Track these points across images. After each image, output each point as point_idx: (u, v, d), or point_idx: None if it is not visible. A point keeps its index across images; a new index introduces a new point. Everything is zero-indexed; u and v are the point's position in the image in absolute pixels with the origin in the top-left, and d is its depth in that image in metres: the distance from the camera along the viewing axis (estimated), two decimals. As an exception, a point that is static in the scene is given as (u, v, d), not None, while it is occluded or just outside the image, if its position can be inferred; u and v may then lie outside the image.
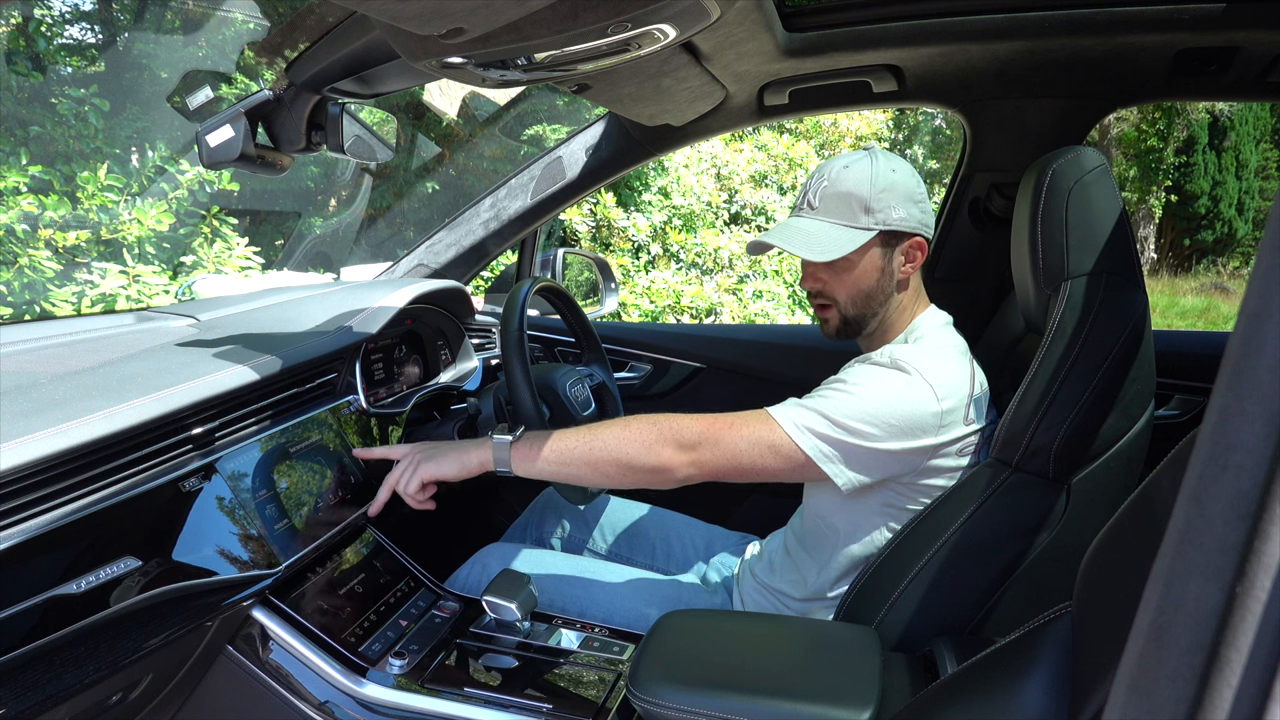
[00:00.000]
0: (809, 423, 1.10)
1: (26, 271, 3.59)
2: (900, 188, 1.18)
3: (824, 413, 1.10)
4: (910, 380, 1.10)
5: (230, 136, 1.17)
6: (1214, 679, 0.31)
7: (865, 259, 1.19)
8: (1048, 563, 1.08)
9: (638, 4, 0.85)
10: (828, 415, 1.09)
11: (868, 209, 1.17)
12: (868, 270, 1.20)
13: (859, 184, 1.17)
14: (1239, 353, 0.33)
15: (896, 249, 1.20)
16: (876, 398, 1.09)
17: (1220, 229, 13.64)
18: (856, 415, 1.09)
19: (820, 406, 1.11)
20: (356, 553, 1.27)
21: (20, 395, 0.90)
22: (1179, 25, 1.28)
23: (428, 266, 1.98)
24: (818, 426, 1.09)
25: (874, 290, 1.21)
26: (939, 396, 1.09)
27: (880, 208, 1.17)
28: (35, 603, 0.78)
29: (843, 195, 1.17)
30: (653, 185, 6.02)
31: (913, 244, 1.21)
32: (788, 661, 1.00)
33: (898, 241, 1.20)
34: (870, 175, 1.17)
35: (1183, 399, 1.66)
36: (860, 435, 1.08)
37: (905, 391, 1.09)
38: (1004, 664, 0.71)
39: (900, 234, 1.19)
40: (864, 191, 1.16)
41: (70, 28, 5.28)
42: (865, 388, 1.10)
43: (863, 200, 1.17)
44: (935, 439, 1.10)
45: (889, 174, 1.18)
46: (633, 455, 1.12)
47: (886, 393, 1.09)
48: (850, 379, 1.13)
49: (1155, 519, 0.57)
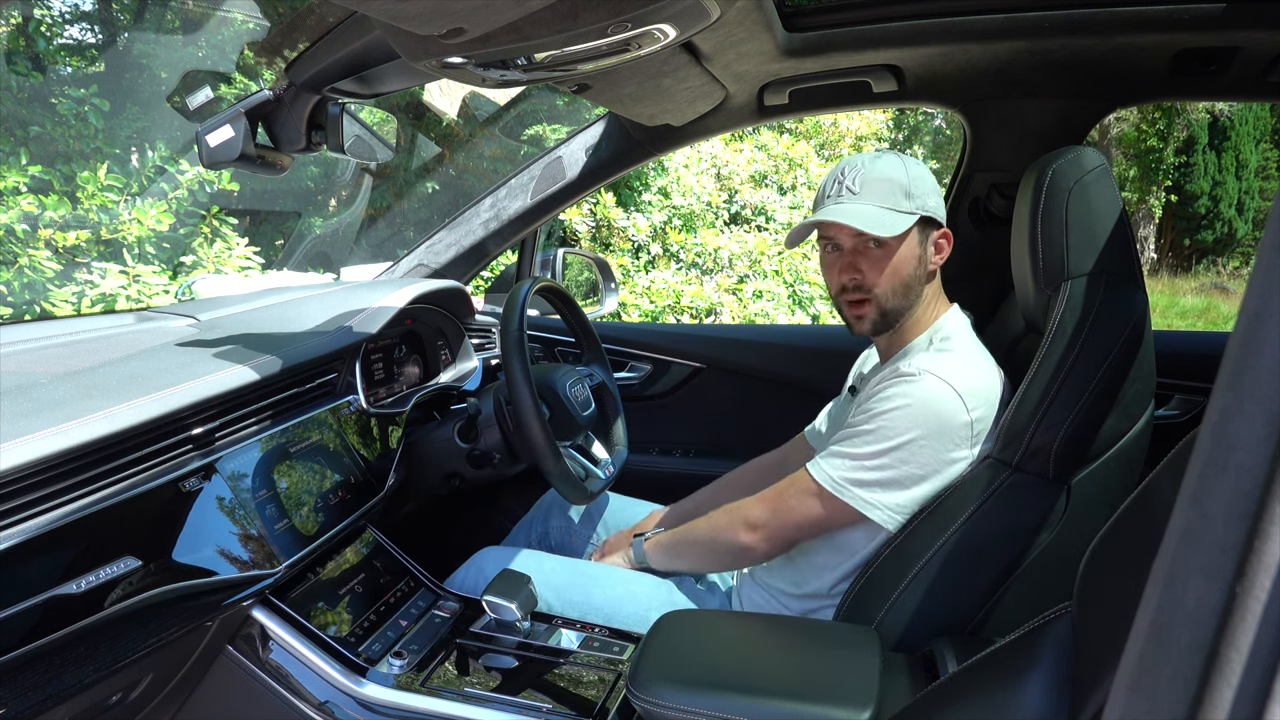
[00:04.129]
0: (849, 475, 1.13)
1: (26, 271, 3.59)
2: (928, 178, 1.20)
3: (862, 460, 1.12)
4: (941, 391, 1.10)
5: (230, 136, 1.16)
6: (1214, 679, 0.31)
7: (905, 246, 1.19)
8: (1048, 563, 1.08)
9: (638, 4, 0.85)
10: (866, 461, 1.12)
11: (909, 194, 1.17)
12: (907, 257, 1.19)
13: (896, 171, 1.18)
14: (1239, 353, 0.33)
15: (930, 238, 1.21)
16: (905, 419, 1.10)
17: (1220, 229, 13.64)
18: (885, 447, 1.10)
19: (857, 450, 1.13)
20: (356, 553, 1.27)
21: (20, 395, 0.89)
22: (1179, 25, 1.28)
23: (428, 266, 1.98)
24: (858, 475, 1.12)
25: (911, 279, 1.20)
26: (969, 407, 1.10)
27: (918, 193, 1.17)
28: (35, 603, 0.78)
29: (884, 180, 1.17)
30: (653, 185, 6.02)
31: (942, 234, 1.22)
32: (788, 661, 0.99)
33: (931, 230, 1.21)
34: (903, 165, 1.19)
35: (1183, 399, 1.66)
36: (893, 466, 1.11)
37: (935, 406, 1.09)
38: (1004, 664, 0.71)
39: (935, 222, 1.20)
40: (902, 177, 1.17)
41: (70, 28, 5.29)
42: (893, 414, 1.11)
43: (903, 185, 1.17)
44: (970, 451, 1.11)
45: (917, 165, 1.20)
46: (718, 544, 1.27)
47: (916, 410, 1.10)
48: (876, 407, 1.13)
49: (1155, 519, 0.57)
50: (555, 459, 1.32)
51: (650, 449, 2.03)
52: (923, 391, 1.10)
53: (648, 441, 2.03)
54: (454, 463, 1.46)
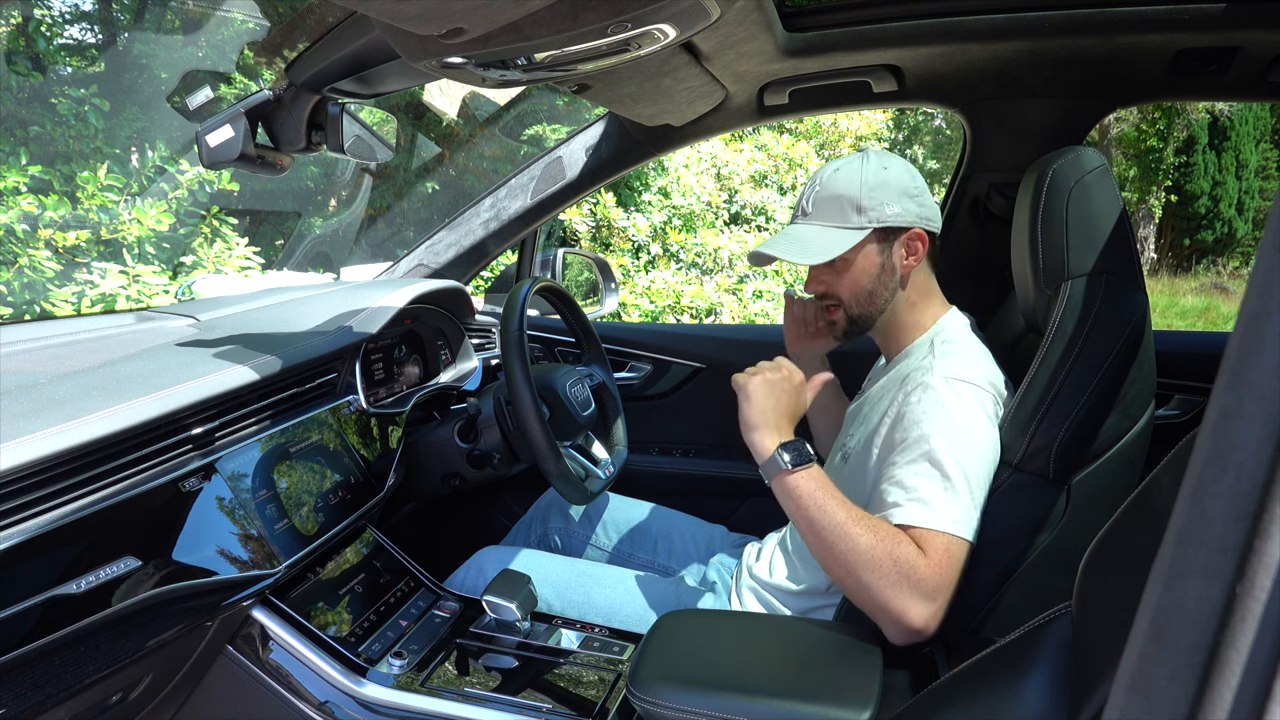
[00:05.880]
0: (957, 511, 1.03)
1: (26, 271, 3.59)
2: (893, 184, 1.19)
3: (953, 479, 1.03)
4: (977, 394, 1.09)
5: (230, 136, 1.16)
6: (1214, 679, 0.31)
7: (862, 257, 1.20)
8: (1048, 563, 1.08)
9: (638, 4, 0.85)
10: (955, 478, 1.03)
11: (859, 208, 1.18)
12: (866, 268, 1.21)
13: (849, 185, 1.19)
14: (1239, 353, 0.33)
15: (894, 244, 1.21)
16: (965, 429, 1.05)
17: (1220, 229, 13.64)
18: (968, 458, 1.04)
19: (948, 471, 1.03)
20: (356, 553, 1.27)
21: (20, 395, 0.89)
22: (1179, 25, 1.28)
23: (428, 266, 1.98)
24: (958, 500, 1.03)
25: (875, 287, 1.22)
26: (998, 400, 1.12)
27: (872, 205, 1.18)
28: (35, 603, 0.78)
29: (834, 198, 1.20)
30: (653, 185, 6.03)
31: (911, 236, 1.21)
32: (788, 661, 0.99)
33: (894, 237, 1.21)
34: (860, 176, 1.19)
35: (1183, 399, 1.65)
36: (976, 473, 1.05)
37: (979, 410, 1.08)
38: (1004, 664, 0.71)
39: (896, 229, 1.20)
40: (854, 192, 1.18)
41: (70, 28, 5.29)
42: (957, 432, 1.05)
43: (854, 200, 1.18)
44: None
45: (880, 172, 1.19)
46: (870, 584, 1.00)
47: (971, 422, 1.07)
48: (932, 431, 1.05)
49: (1155, 519, 0.57)
50: (555, 459, 1.32)
51: (650, 449, 2.03)
52: (962, 401, 1.08)
53: (648, 441, 2.03)
54: (454, 463, 1.46)
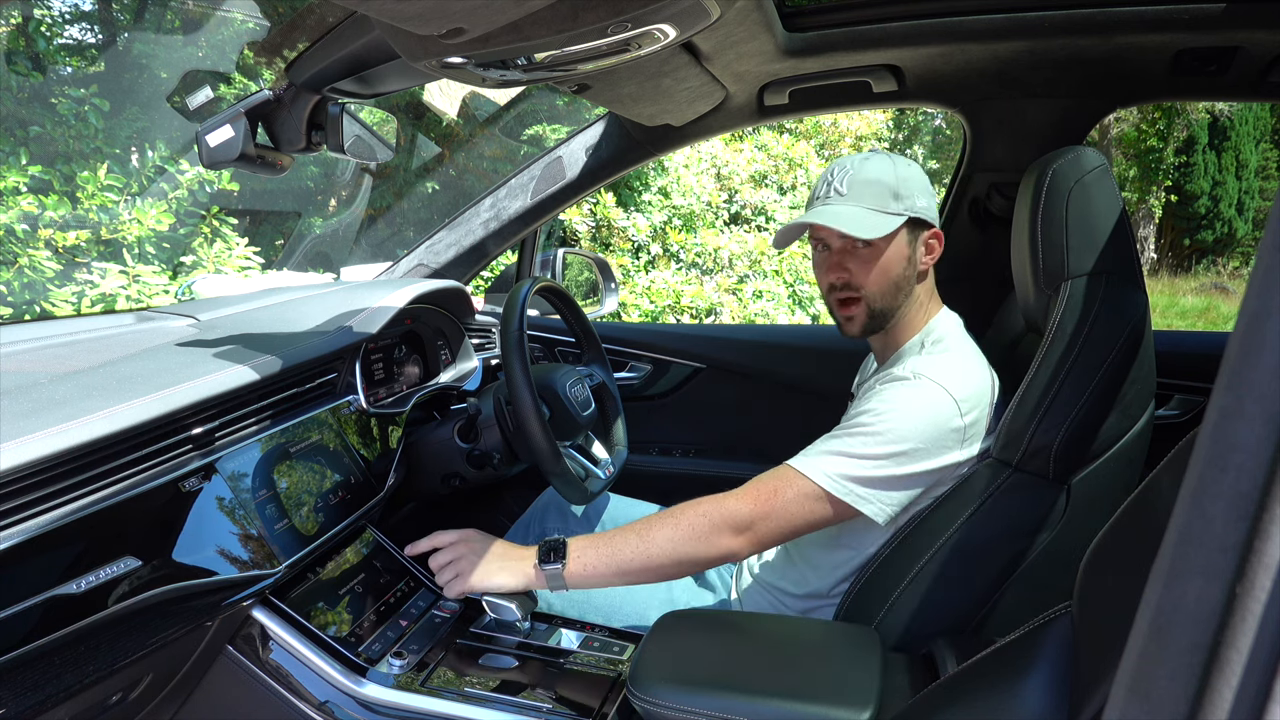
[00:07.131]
0: (841, 469, 1.10)
1: (26, 271, 3.59)
2: (918, 179, 1.20)
3: (852, 454, 1.10)
4: (936, 395, 1.10)
5: (230, 136, 1.16)
6: (1214, 679, 0.31)
7: (893, 246, 1.19)
8: (1048, 563, 1.08)
9: (638, 4, 0.85)
10: (856, 455, 1.10)
11: (896, 195, 1.17)
12: (895, 258, 1.19)
13: (883, 172, 1.18)
14: (1239, 353, 0.33)
15: (919, 239, 1.21)
16: (903, 424, 1.09)
17: (1220, 229, 13.64)
18: (884, 450, 1.09)
19: (848, 448, 1.11)
20: (356, 553, 1.27)
21: (20, 395, 0.89)
22: (1179, 25, 1.28)
23: (428, 266, 1.98)
24: (850, 470, 1.10)
25: (900, 279, 1.20)
26: (962, 411, 1.10)
27: (906, 194, 1.18)
28: (35, 603, 0.78)
29: (871, 182, 1.18)
30: (653, 185, 6.02)
31: (933, 234, 1.22)
32: (788, 661, 0.99)
33: (920, 230, 1.21)
34: (891, 166, 1.19)
35: (1183, 399, 1.66)
36: (890, 466, 1.09)
37: (930, 411, 1.09)
38: (1004, 664, 0.71)
39: (924, 223, 1.20)
40: (890, 179, 1.18)
41: (70, 28, 5.29)
42: (890, 415, 1.10)
43: (891, 187, 1.17)
44: (962, 454, 1.11)
45: (906, 166, 1.20)
46: (692, 552, 1.11)
47: (912, 415, 1.09)
48: (875, 408, 1.12)
49: (1155, 519, 0.57)
50: (555, 459, 1.32)
51: (650, 449, 2.03)
52: (917, 396, 1.10)
53: (648, 441, 2.03)
54: (454, 463, 1.46)
